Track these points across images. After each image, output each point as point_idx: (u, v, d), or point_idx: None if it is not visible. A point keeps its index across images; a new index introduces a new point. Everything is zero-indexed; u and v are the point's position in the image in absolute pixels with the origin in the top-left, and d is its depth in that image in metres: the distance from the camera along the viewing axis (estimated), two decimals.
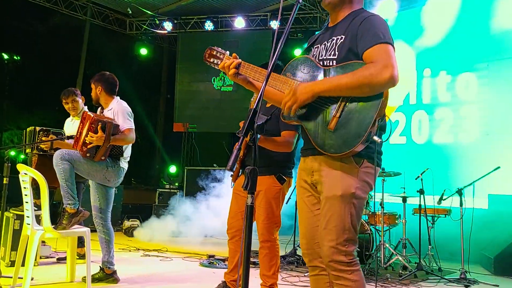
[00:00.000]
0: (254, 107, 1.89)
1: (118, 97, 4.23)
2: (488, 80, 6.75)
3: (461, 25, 7.16)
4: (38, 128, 4.78)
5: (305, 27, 9.82)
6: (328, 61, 2.10)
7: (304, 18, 9.73)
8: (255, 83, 2.33)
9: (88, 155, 3.78)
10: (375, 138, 1.93)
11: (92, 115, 3.82)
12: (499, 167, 5.21)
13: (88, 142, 3.76)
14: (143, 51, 11.63)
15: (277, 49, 1.96)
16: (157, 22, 10.73)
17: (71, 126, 4.96)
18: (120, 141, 3.91)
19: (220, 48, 2.39)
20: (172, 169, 10.43)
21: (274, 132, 3.48)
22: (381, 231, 5.24)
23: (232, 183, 3.66)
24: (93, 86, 4.23)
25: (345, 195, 1.98)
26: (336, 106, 1.97)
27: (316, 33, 2.43)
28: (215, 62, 2.37)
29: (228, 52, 2.36)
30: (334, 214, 1.99)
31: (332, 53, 2.09)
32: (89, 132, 3.75)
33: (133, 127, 4.04)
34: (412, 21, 7.58)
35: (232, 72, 2.27)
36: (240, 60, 2.30)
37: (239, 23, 10.10)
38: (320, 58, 2.15)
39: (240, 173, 3.61)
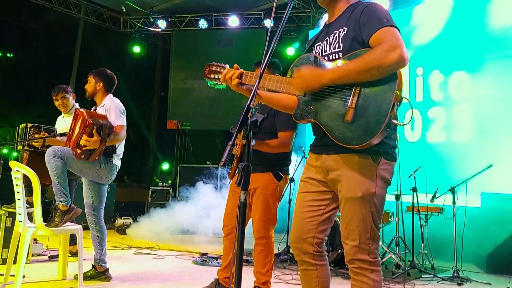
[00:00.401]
0: (248, 103, 1.89)
1: (111, 94, 4.22)
2: (481, 79, 6.77)
3: (454, 24, 7.19)
4: (29, 125, 4.75)
5: (298, 26, 9.83)
6: (334, 55, 2.08)
7: (298, 17, 9.74)
8: (259, 92, 2.29)
9: (82, 156, 3.75)
10: (395, 121, 1.90)
11: (86, 116, 3.75)
12: (491, 165, 5.25)
13: (82, 145, 3.72)
14: (136, 49, 11.61)
15: (271, 48, 1.96)
16: (151, 20, 10.69)
17: (62, 123, 4.94)
18: (113, 141, 3.90)
19: (218, 63, 2.36)
20: (165, 166, 10.42)
21: (271, 130, 3.49)
22: None
23: (229, 179, 3.67)
24: (92, 80, 4.19)
25: (365, 196, 1.96)
26: (349, 96, 1.93)
27: (310, 34, 2.42)
28: (216, 77, 2.34)
29: (228, 65, 2.33)
30: (355, 215, 1.98)
31: (337, 45, 2.07)
32: (84, 135, 3.70)
33: (125, 124, 4.03)
34: (405, 20, 7.62)
35: (235, 83, 2.24)
36: (241, 70, 2.26)
37: (233, 21, 10.10)
38: (324, 54, 2.13)
39: (237, 170, 3.61)
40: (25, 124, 4.83)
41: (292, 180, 5.66)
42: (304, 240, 2.11)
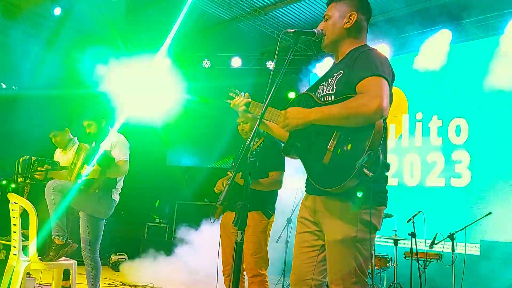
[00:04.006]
0: (248, 143, 1.92)
1: (115, 130, 4.28)
2: (480, 125, 6.84)
3: (452, 71, 7.31)
4: (33, 158, 4.73)
5: (299, 68, 10.00)
6: (327, 97, 2.14)
7: (299, 59, 9.92)
8: (266, 121, 2.39)
9: (82, 187, 3.74)
10: (366, 171, 1.89)
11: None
12: (490, 213, 5.23)
13: (82, 173, 3.73)
14: None
15: (273, 89, 2.02)
16: None
17: (59, 157, 4.92)
18: (114, 173, 3.91)
19: (236, 90, 2.49)
20: (160, 202, 10.34)
21: (260, 168, 3.52)
22: (371, 274, 5.18)
23: (214, 218, 3.68)
24: (92, 122, 4.24)
25: (346, 239, 1.96)
26: (330, 140, 1.98)
27: (311, 76, 2.51)
28: (229, 102, 2.47)
29: (243, 93, 2.45)
30: (337, 258, 1.98)
31: (331, 88, 2.13)
32: (85, 165, 3.73)
33: (128, 159, 4.05)
34: (406, 66, 7.74)
35: (241, 109, 2.36)
36: (249, 99, 2.37)
37: (236, 62, 10.27)
38: (321, 94, 2.19)
39: (223, 210, 3.65)
40: (27, 156, 4.81)
41: (290, 221, 5.63)
42: (304, 282, 2.10)
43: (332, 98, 2.10)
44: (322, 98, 2.16)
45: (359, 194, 1.98)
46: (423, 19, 7.67)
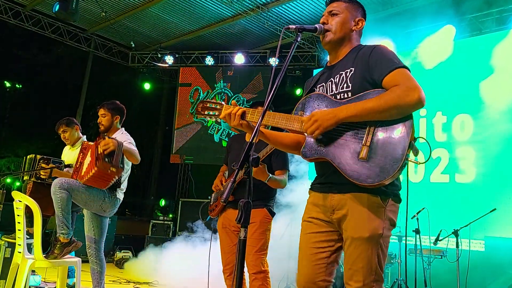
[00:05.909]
0: (250, 140, 1.91)
1: (123, 128, 4.27)
2: (484, 121, 6.80)
3: (456, 66, 7.28)
4: (39, 156, 4.74)
5: (303, 65, 9.97)
6: (342, 94, 2.09)
7: (303, 56, 9.89)
8: (263, 130, 2.28)
9: (106, 160, 3.60)
10: (412, 160, 1.90)
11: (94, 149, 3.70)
12: (495, 209, 5.20)
13: (103, 150, 3.53)
14: (146, 86, 11.73)
15: (275, 86, 1.99)
16: (159, 55, 10.91)
17: (67, 154, 4.95)
18: (129, 152, 3.77)
19: (213, 100, 2.33)
20: (163, 200, 10.38)
21: (267, 168, 3.53)
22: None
23: (209, 216, 3.69)
24: (108, 113, 4.18)
25: (372, 236, 1.94)
26: (363, 135, 1.94)
27: (315, 73, 2.44)
28: (212, 113, 2.28)
29: (223, 102, 2.29)
30: (361, 255, 1.95)
31: (345, 85, 2.08)
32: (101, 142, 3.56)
33: (137, 150, 4.00)
34: (409, 62, 7.71)
35: (237, 121, 2.19)
36: (244, 108, 2.23)
37: (239, 59, 10.27)
38: (331, 93, 2.13)
39: (223, 208, 3.68)
40: (33, 155, 4.81)
41: (293, 219, 5.63)
42: (316, 284, 2.07)
43: (350, 95, 2.05)
44: (334, 97, 2.11)
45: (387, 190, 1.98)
46: (427, 14, 7.64)
